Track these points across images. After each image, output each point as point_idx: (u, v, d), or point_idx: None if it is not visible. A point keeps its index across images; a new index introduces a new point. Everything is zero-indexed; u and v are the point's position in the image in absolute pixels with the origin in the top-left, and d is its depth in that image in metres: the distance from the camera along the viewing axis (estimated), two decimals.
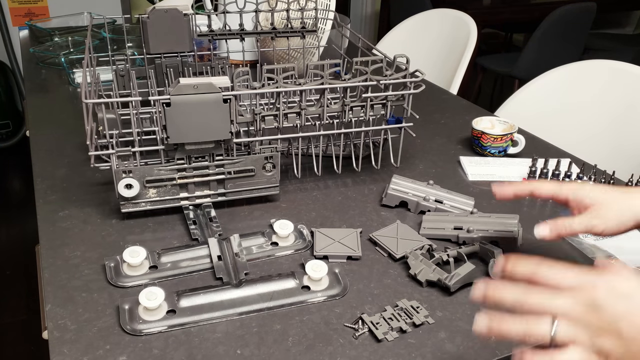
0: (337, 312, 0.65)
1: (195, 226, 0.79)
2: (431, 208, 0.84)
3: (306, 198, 0.89)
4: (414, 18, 1.86)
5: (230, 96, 0.76)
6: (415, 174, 0.96)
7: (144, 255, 0.71)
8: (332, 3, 1.29)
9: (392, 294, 0.68)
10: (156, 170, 0.78)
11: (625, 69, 1.23)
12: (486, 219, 0.79)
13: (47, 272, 0.71)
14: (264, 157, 0.82)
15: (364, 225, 0.82)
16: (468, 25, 1.64)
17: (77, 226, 0.80)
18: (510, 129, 1.03)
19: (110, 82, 1.06)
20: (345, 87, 0.84)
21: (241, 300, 0.66)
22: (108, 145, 0.79)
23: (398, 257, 0.74)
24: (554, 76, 1.34)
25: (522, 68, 2.78)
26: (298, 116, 0.85)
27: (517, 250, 0.75)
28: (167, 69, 1.09)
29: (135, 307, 0.64)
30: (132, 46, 1.46)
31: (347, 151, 0.98)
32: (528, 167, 0.95)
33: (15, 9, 2.57)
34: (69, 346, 0.59)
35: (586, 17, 2.73)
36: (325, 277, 0.70)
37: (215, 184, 0.82)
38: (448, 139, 1.11)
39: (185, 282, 0.70)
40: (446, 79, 1.62)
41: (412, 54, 0.97)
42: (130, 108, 0.82)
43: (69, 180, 0.92)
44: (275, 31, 1.16)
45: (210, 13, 1.16)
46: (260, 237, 0.78)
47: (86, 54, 0.91)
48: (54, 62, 1.46)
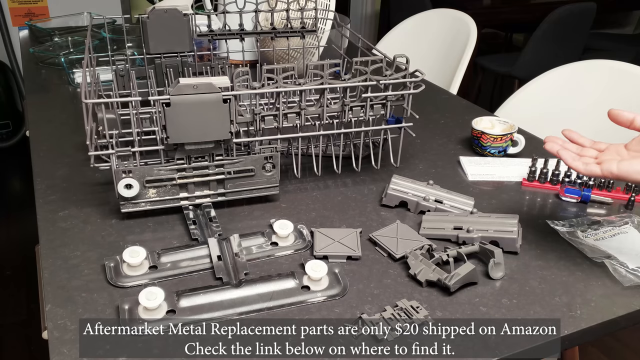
0: (337, 312, 0.65)
1: (195, 226, 0.79)
2: (431, 208, 0.84)
3: (306, 198, 0.89)
4: (413, 18, 1.86)
5: (230, 96, 0.76)
6: (415, 174, 0.96)
7: (143, 255, 0.71)
8: (332, 3, 1.29)
9: (392, 294, 0.68)
10: (156, 170, 0.78)
11: (625, 69, 1.22)
12: (486, 219, 0.79)
13: (47, 272, 0.71)
14: (263, 157, 0.82)
15: (364, 225, 0.82)
16: (468, 25, 1.64)
17: (77, 226, 0.80)
18: (510, 129, 1.03)
19: (110, 82, 1.06)
20: (345, 87, 0.84)
21: (241, 300, 0.66)
22: (108, 145, 0.79)
23: (398, 257, 0.74)
24: (554, 76, 1.34)
25: (522, 68, 2.78)
26: (298, 116, 0.85)
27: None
28: (167, 69, 1.09)
29: (135, 307, 0.64)
30: (132, 46, 1.46)
31: (347, 151, 0.98)
32: (528, 167, 0.95)
33: (15, 9, 2.57)
34: (69, 346, 0.59)
35: (586, 17, 2.72)
36: (325, 277, 0.70)
37: (215, 184, 0.82)
38: (448, 139, 1.11)
39: (185, 282, 0.70)
40: (446, 79, 1.62)
41: (412, 54, 0.97)
42: (130, 108, 0.82)
43: (69, 180, 0.92)
44: (275, 31, 1.16)
45: (210, 13, 1.16)
46: (260, 237, 0.78)
47: (86, 54, 0.91)
48: (54, 62, 1.46)
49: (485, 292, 0.69)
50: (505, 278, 0.72)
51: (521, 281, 0.71)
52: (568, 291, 0.69)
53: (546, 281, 0.71)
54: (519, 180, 0.95)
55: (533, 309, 0.66)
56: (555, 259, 0.76)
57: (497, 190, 0.92)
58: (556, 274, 0.72)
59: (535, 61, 2.74)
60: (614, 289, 0.70)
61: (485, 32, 3.12)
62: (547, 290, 0.69)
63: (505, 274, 0.72)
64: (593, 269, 0.74)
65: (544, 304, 0.67)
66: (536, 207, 0.88)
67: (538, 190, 0.93)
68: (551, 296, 0.68)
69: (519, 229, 0.78)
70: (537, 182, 0.94)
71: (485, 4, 3.13)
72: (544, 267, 0.74)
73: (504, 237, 0.75)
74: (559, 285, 0.71)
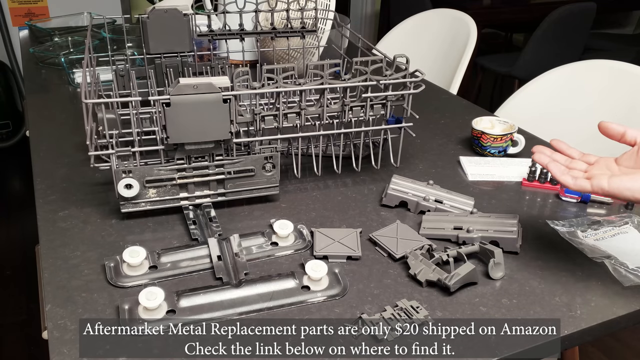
0: (337, 312, 0.65)
1: (195, 226, 0.79)
2: (431, 208, 0.84)
3: (306, 198, 0.89)
4: (413, 18, 1.86)
5: (230, 96, 0.76)
6: (415, 174, 0.96)
7: (143, 255, 0.71)
8: (332, 3, 1.28)
9: (392, 294, 0.68)
10: (156, 170, 0.78)
11: (625, 69, 1.22)
12: (486, 219, 0.79)
13: (47, 272, 0.71)
14: (263, 157, 0.82)
15: (364, 225, 0.82)
16: (468, 25, 1.64)
17: (77, 226, 0.80)
18: (510, 129, 1.03)
19: (110, 82, 1.06)
20: (345, 87, 0.84)
21: (241, 300, 0.66)
22: (108, 145, 0.79)
23: (398, 257, 0.74)
24: (554, 76, 1.34)
25: (522, 68, 2.78)
26: (298, 116, 0.85)
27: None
28: (167, 69, 1.09)
29: (135, 307, 0.64)
30: (132, 46, 1.46)
31: (347, 151, 0.98)
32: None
33: (15, 9, 2.57)
34: (69, 346, 0.60)
35: (586, 17, 2.72)
36: (325, 277, 0.70)
37: (215, 184, 0.82)
38: (448, 139, 1.11)
39: (185, 282, 0.70)
40: (446, 79, 1.62)
41: (412, 54, 0.97)
42: (130, 108, 0.82)
43: (69, 180, 0.92)
44: (275, 31, 1.16)
45: (210, 13, 1.16)
46: (260, 237, 0.78)
47: (86, 54, 0.91)
48: (54, 62, 1.46)
49: (485, 292, 0.69)
50: (505, 278, 0.72)
51: (521, 281, 0.71)
52: (568, 291, 0.69)
53: (546, 281, 0.71)
54: (519, 180, 0.95)
55: (533, 309, 0.66)
56: (555, 259, 0.76)
57: (497, 190, 0.92)
58: (556, 274, 0.72)
59: (535, 61, 2.74)
60: (614, 289, 0.70)
61: (485, 32, 3.12)
62: (547, 290, 0.69)
63: (505, 274, 0.72)
64: (593, 269, 0.74)
65: (544, 304, 0.67)
66: (536, 207, 0.88)
67: (538, 190, 0.93)
68: (551, 296, 0.68)
69: (519, 229, 0.78)
70: (537, 182, 0.94)
71: (485, 4, 3.13)
72: (544, 267, 0.74)
73: (504, 237, 0.75)
74: (559, 285, 0.71)
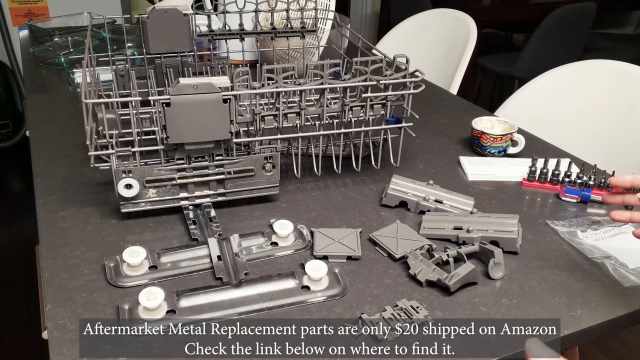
0: (337, 312, 0.65)
1: (195, 226, 0.79)
2: (431, 208, 0.84)
3: (306, 198, 0.89)
4: (413, 18, 1.86)
5: (230, 96, 0.76)
6: (415, 174, 0.96)
7: (143, 255, 0.71)
8: (332, 3, 1.28)
9: (392, 294, 0.68)
10: (156, 170, 0.78)
11: (625, 69, 1.22)
12: (486, 219, 0.79)
13: (47, 272, 0.71)
14: (263, 157, 0.82)
15: (364, 225, 0.82)
16: (468, 25, 1.64)
17: (77, 226, 0.80)
18: (510, 129, 1.03)
19: (110, 82, 1.06)
20: (345, 87, 0.84)
21: (241, 300, 0.66)
22: (108, 145, 0.79)
23: (398, 257, 0.74)
24: (554, 76, 1.34)
25: (522, 68, 2.78)
26: (298, 116, 0.85)
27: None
28: (167, 69, 1.09)
29: (135, 307, 0.64)
30: (132, 46, 1.46)
31: (347, 151, 0.98)
32: (528, 167, 0.95)
33: (15, 9, 2.57)
34: (69, 346, 0.60)
35: (586, 17, 2.72)
36: (325, 277, 0.70)
37: (215, 184, 0.82)
38: (448, 139, 1.11)
39: (185, 282, 0.70)
40: (446, 79, 1.62)
41: (412, 54, 0.97)
42: (130, 108, 0.82)
43: (69, 180, 0.92)
44: (275, 31, 1.16)
45: (210, 13, 1.16)
46: (260, 237, 0.78)
47: (86, 54, 0.91)
48: (54, 62, 1.46)
49: (485, 292, 0.69)
50: (505, 278, 0.72)
51: (521, 281, 0.71)
52: (568, 291, 0.69)
53: (546, 281, 0.71)
54: (519, 180, 0.95)
55: (533, 309, 0.66)
56: (555, 259, 0.76)
57: (497, 190, 0.92)
58: (556, 274, 0.72)
59: (535, 61, 2.74)
60: (614, 289, 0.70)
61: (485, 32, 3.12)
62: (547, 290, 0.69)
63: (505, 274, 0.72)
64: (593, 269, 0.74)
65: (544, 304, 0.67)
66: (536, 207, 0.88)
67: (538, 190, 0.93)
68: (551, 296, 0.68)
69: (519, 229, 0.78)
70: (537, 182, 0.94)
71: (485, 4, 3.13)
72: (544, 267, 0.74)
73: (504, 237, 0.75)
74: (559, 285, 0.71)
